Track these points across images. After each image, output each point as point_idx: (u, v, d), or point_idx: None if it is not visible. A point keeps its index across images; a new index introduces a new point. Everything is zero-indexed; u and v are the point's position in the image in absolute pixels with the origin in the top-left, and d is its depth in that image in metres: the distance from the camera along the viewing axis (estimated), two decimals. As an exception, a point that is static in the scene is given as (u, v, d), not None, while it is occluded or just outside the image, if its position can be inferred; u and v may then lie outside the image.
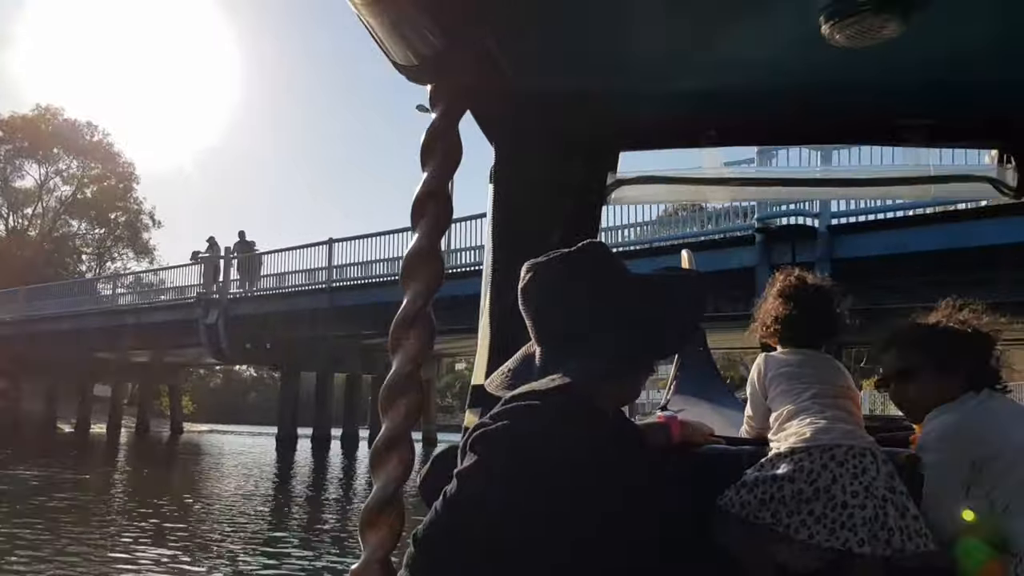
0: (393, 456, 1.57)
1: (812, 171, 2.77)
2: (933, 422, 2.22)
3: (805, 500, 2.17)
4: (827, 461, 2.19)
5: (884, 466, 2.21)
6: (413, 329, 1.59)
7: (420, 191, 1.64)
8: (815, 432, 2.25)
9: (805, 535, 2.15)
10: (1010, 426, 2.11)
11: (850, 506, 2.13)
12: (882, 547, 2.10)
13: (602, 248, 1.75)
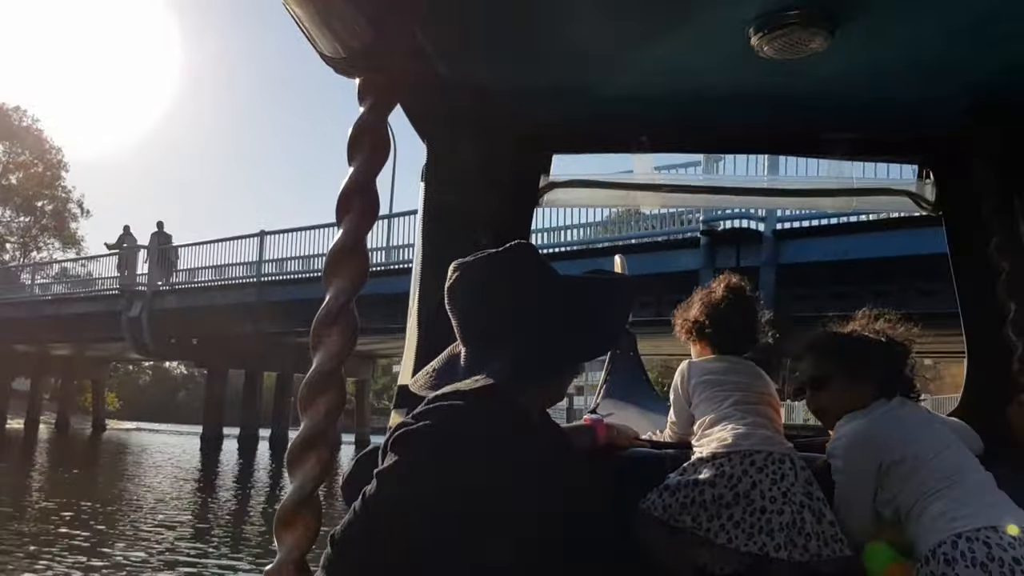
0: (311, 455, 1.53)
1: (739, 179, 2.82)
2: (842, 429, 2.27)
3: (725, 505, 2.20)
4: (747, 467, 2.23)
5: (802, 472, 2.26)
6: (336, 326, 1.56)
7: (346, 186, 1.62)
8: (736, 438, 2.28)
9: (724, 539, 2.18)
10: (915, 432, 2.17)
11: (768, 511, 2.17)
12: (799, 552, 2.14)
13: (529, 249, 1.74)
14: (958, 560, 1.86)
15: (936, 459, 2.07)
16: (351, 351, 1.56)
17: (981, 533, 1.87)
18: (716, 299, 2.54)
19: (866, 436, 2.19)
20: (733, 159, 10.03)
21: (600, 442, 2.44)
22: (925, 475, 2.05)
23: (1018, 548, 1.84)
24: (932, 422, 2.25)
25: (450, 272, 1.72)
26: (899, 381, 2.29)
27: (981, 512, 1.94)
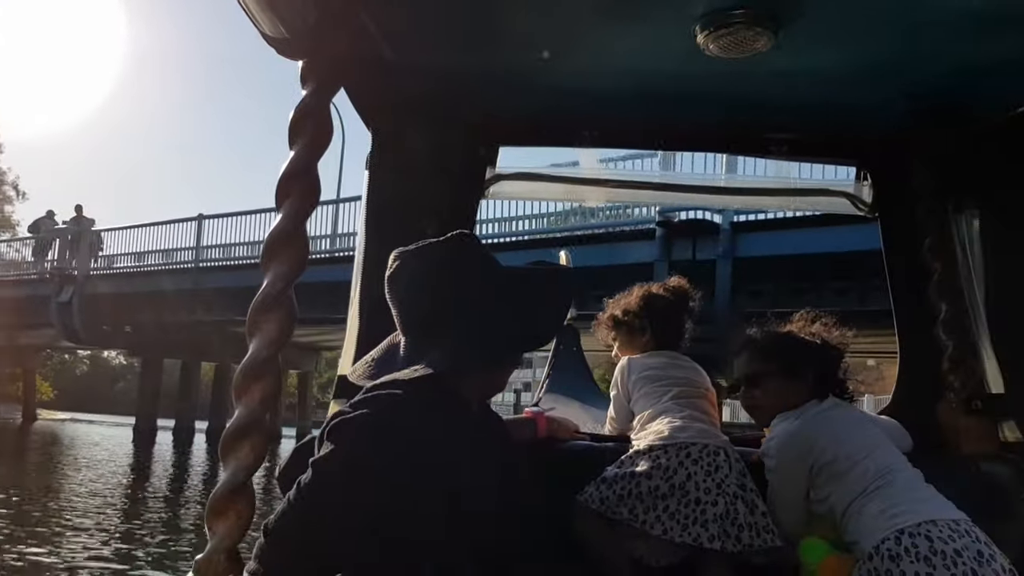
0: (245, 443, 1.51)
1: (682, 176, 2.85)
2: (776, 429, 2.31)
3: (661, 496, 2.22)
4: (683, 459, 2.25)
5: (736, 464, 2.29)
6: (272, 312, 1.54)
7: (286, 170, 1.59)
8: (673, 431, 2.31)
9: (660, 531, 2.20)
10: (847, 433, 2.22)
11: (703, 502, 2.19)
12: (732, 543, 2.18)
13: (470, 239, 1.73)
14: (903, 556, 1.90)
15: (868, 459, 2.11)
16: (288, 338, 1.54)
17: (922, 528, 1.92)
18: (661, 295, 2.57)
19: (799, 436, 2.23)
20: (691, 156, 9.99)
21: (540, 434, 2.45)
22: (858, 474, 2.10)
23: (958, 540, 1.90)
24: (863, 422, 2.31)
25: (390, 261, 1.70)
26: (832, 383, 2.34)
27: (919, 507, 1.98)
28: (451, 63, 2.27)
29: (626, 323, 2.60)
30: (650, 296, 2.60)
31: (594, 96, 2.53)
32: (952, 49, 2.16)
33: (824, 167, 2.96)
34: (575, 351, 4.33)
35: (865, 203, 2.78)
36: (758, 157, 2.78)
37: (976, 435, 2.48)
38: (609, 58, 2.29)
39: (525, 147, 2.73)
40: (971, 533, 1.92)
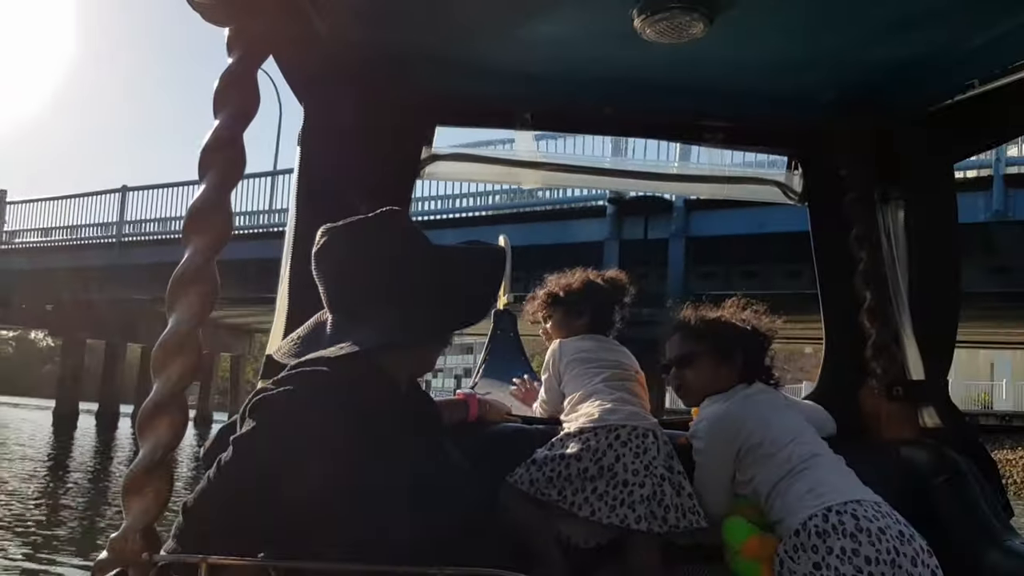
0: (163, 419, 1.46)
1: (617, 161, 2.86)
2: (704, 411, 2.36)
3: (590, 478, 2.24)
4: (612, 440, 2.27)
5: (664, 446, 2.32)
6: (193, 286, 1.49)
7: (210, 140, 1.54)
8: (603, 413, 2.32)
9: (588, 512, 2.22)
10: (773, 417, 2.26)
11: (631, 484, 2.22)
12: (658, 524, 2.21)
13: (399, 216, 1.71)
14: (830, 532, 1.95)
15: (793, 443, 2.16)
16: (209, 312, 1.50)
17: (848, 506, 1.98)
18: (597, 283, 2.59)
19: (727, 419, 2.27)
20: (643, 141, 9.77)
21: (472, 416, 2.44)
22: (783, 458, 2.14)
23: (881, 519, 1.96)
24: (789, 408, 2.36)
25: (318, 237, 1.67)
26: (760, 368, 2.38)
27: (844, 487, 2.04)
28: (385, 40, 2.23)
29: (565, 302, 2.61)
30: (592, 282, 2.62)
31: (531, 78, 2.52)
32: (877, 42, 2.21)
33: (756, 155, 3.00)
34: (512, 336, 4.34)
35: (795, 192, 2.83)
36: (693, 144, 2.81)
37: (897, 421, 2.56)
38: (546, 40, 2.28)
39: (461, 128, 2.71)
40: (892, 515, 1.99)
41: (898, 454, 2.48)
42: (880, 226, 2.62)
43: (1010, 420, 26.82)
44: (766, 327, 2.42)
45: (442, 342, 1.76)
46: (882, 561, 1.89)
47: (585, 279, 2.63)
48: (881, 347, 2.59)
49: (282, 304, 2.32)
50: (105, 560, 1.45)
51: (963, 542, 2.20)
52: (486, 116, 2.72)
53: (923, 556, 1.92)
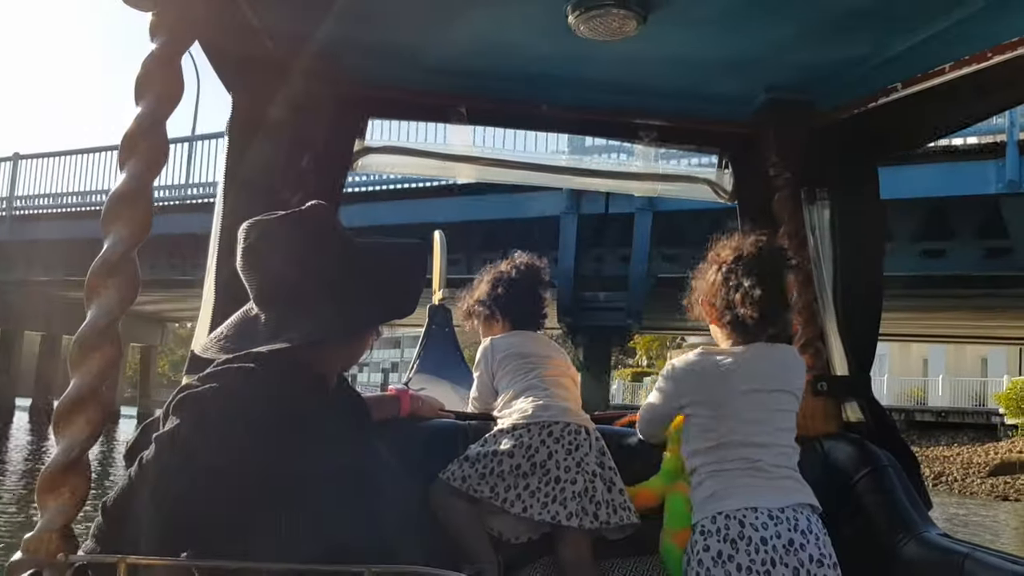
0: (80, 416, 1.42)
1: (552, 157, 2.87)
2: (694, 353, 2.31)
3: (522, 475, 2.24)
4: (545, 437, 2.28)
5: (596, 443, 2.34)
6: (113, 278, 1.44)
7: (131, 128, 1.49)
8: (536, 409, 2.33)
9: (519, 508, 2.22)
10: (735, 409, 2.21)
11: (563, 481, 2.23)
12: (589, 520, 2.22)
13: (326, 210, 1.68)
14: (713, 534, 2.02)
15: (736, 444, 2.13)
16: (129, 305, 1.46)
17: (739, 512, 2.02)
18: (510, 276, 2.58)
19: (689, 380, 2.22)
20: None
21: (404, 412, 2.43)
22: (719, 456, 2.13)
23: (771, 528, 1.99)
24: (766, 393, 2.21)
25: (243, 232, 1.63)
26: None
27: (747, 493, 2.05)
28: (316, 31, 2.20)
29: (478, 313, 2.61)
30: (497, 281, 2.59)
31: (464, 73, 2.51)
32: (804, 45, 2.26)
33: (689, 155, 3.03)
34: (447, 331, 4.33)
35: (725, 191, 2.88)
36: (626, 141, 2.83)
37: (821, 416, 2.61)
38: (481, 34, 2.28)
39: (394, 120, 2.68)
40: (792, 520, 2.01)
41: (822, 448, 2.53)
42: (806, 225, 2.68)
43: (946, 416, 26.96)
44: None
45: (371, 335, 1.75)
46: (755, 571, 1.95)
47: (491, 280, 2.60)
48: (807, 343, 2.64)
49: (208, 299, 2.27)
50: (19, 561, 1.40)
51: (884, 533, 2.26)
52: (420, 109, 2.70)
53: (809, 566, 1.96)
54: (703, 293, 2.23)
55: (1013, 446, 22.60)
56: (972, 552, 2.03)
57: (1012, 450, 22.15)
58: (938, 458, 22.91)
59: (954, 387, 31.08)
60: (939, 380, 31.83)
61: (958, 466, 21.77)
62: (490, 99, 2.67)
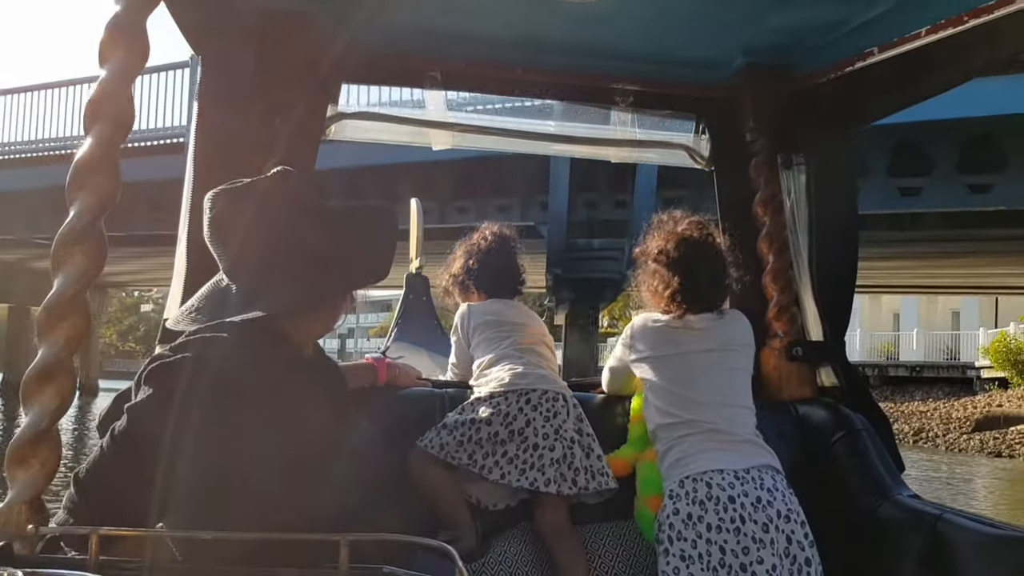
0: (49, 386, 1.39)
1: (529, 123, 2.84)
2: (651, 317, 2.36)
3: (500, 442, 2.24)
4: (523, 405, 2.28)
5: (574, 410, 2.34)
6: (80, 246, 1.41)
7: (96, 93, 1.45)
8: (513, 377, 2.33)
9: (498, 475, 2.23)
10: (691, 381, 2.25)
11: (540, 448, 2.23)
12: (568, 486, 2.23)
13: (293, 176, 1.65)
14: (682, 498, 2.06)
15: (693, 417, 2.17)
16: (97, 273, 1.43)
17: (706, 475, 2.06)
18: (481, 248, 2.58)
19: (642, 339, 2.29)
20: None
21: (380, 381, 2.42)
22: (679, 426, 2.17)
23: (737, 487, 2.03)
24: (719, 367, 2.27)
25: (209, 202, 1.60)
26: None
27: (712, 456, 2.09)
28: None
29: (454, 288, 2.62)
30: (469, 254, 2.60)
31: (438, 37, 2.47)
32: (782, 8, 2.25)
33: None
34: (424, 300, 4.32)
35: (702, 156, 2.86)
36: (602, 107, 2.80)
37: (796, 380, 2.64)
38: None
39: (367, 85, 2.63)
40: (758, 480, 2.05)
41: (796, 412, 2.56)
42: (783, 191, 2.68)
43: (920, 371, 26.46)
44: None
45: (343, 302, 1.72)
46: (724, 529, 2.00)
47: (464, 252, 2.61)
48: (782, 309, 2.66)
49: (180, 269, 2.24)
50: None
51: (857, 496, 2.29)
52: (393, 74, 2.66)
53: (777, 522, 2.01)
54: (641, 284, 2.34)
55: (992, 400, 22.43)
56: (943, 514, 2.07)
57: (991, 404, 21.92)
58: (915, 413, 22.66)
59: (928, 341, 30.49)
60: (912, 334, 31.37)
61: (937, 421, 21.56)
62: (465, 63, 2.64)
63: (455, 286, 2.62)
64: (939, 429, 20.92)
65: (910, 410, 23.18)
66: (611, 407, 2.51)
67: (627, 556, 2.29)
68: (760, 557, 1.97)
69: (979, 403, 22.50)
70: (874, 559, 2.18)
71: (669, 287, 2.23)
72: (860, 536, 2.23)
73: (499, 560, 2.26)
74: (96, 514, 1.41)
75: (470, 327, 2.50)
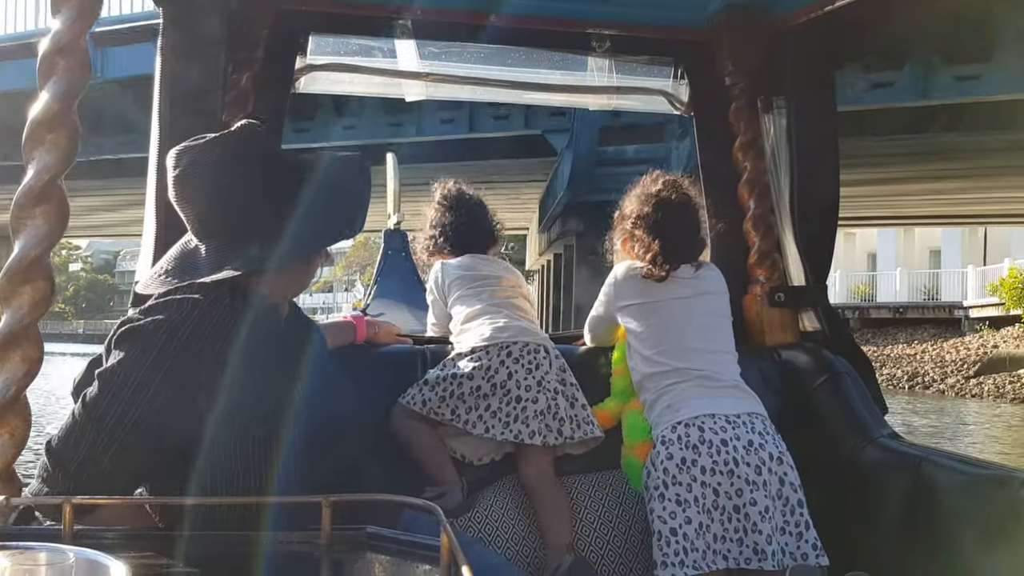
0: (15, 353, 1.35)
1: (505, 71, 2.76)
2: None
3: (483, 396, 2.23)
4: (504, 358, 2.26)
5: (556, 360, 2.33)
6: (40, 207, 1.36)
7: (51, 45, 1.39)
8: (494, 331, 2.30)
9: (482, 429, 2.21)
10: (672, 327, 2.27)
11: (524, 400, 2.22)
12: (553, 436, 2.23)
13: (256, 129, 1.59)
14: (675, 442, 2.06)
15: (676, 365, 2.17)
16: (60, 235, 1.38)
17: (697, 420, 2.07)
18: (443, 205, 2.56)
19: (638, 278, 2.29)
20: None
21: (360, 338, 2.39)
22: (661, 374, 2.18)
23: (729, 431, 2.05)
24: (697, 313, 2.29)
25: (172, 160, 1.53)
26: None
27: (701, 403, 2.10)
28: None
29: (426, 253, 2.59)
30: (436, 213, 2.57)
31: None
32: None
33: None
34: (403, 256, 4.28)
35: (681, 102, 2.81)
36: (580, 54, 2.74)
37: (779, 326, 2.63)
38: None
39: (336, 36, 2.55)
40: (748, 424, 2.07)
41: (780, 357, 2.56)
42: (763, 135, 2.64)
43: (904, 312, 25.33)
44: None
45: (318, 258, 1.68)
46: (718, 471, 2.02)
47: (433, 212, 2.57)
48: (763, 255, 2.64)
49: (149, 229, 2.18)
50: None
51: (841, 438, 2.30)
52: (362, 24, 2.57)
53: (770, 464, 2.03)
54: (621, 246, 2.37)
55: (985, 341, 21.24)
56: (927, 455, 2.08)
57: (985, 345, 20.79)
58: (903, 357, 21.59)
59: (912, 281, 29.54)
60: (896, 274, 30.21)
61: (931, 365, 20.52)
62: (435, 12, 2.56)
63: (425, 251, 2.59)
64: (936, 373, 19.93)
65: (896, 353, 22.19)
66: (594, 358, 2.49)
67: (613, 505, 2.29)
68: (753, 499, 1.99)
69: (971, 344, 21.39)
70: (858, 501, 2.20)
71: (650, 251, 2.25)
72: (844, 478, 2.25)
73: (485, 514, 2.25)
74: (70, 483, 1.38)
75: (445, 284, 2.47)
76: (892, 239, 34.40)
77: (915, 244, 33.93)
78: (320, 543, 1.21)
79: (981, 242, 31.76)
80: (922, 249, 33.68)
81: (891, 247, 34.35)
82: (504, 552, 2.20)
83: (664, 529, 2.00)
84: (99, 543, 1.05)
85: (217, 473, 1.41)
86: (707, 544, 1.99)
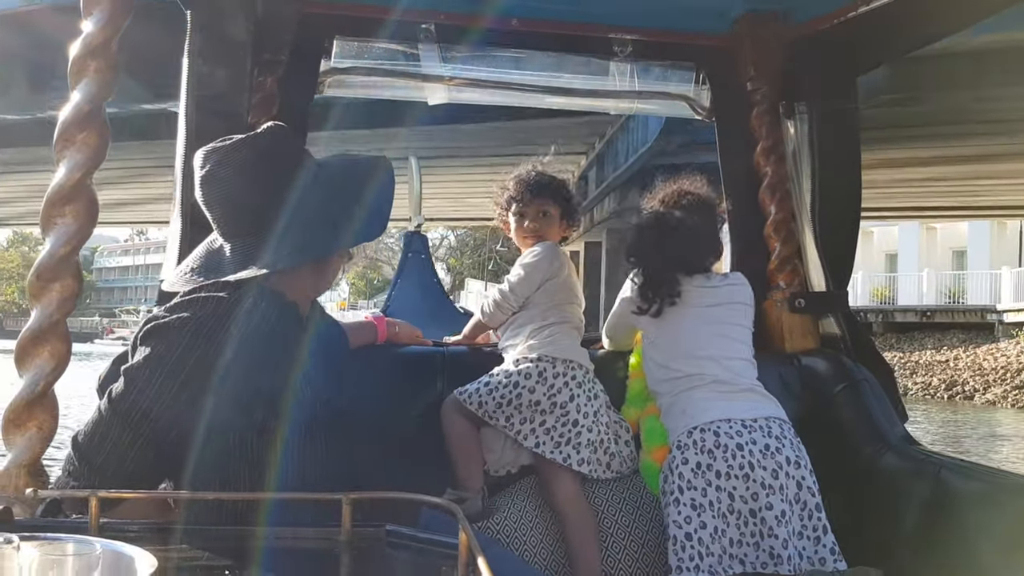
0: (43, 349, 1.38)
1: (528, 75, 2.77)
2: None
3: (540, 411, 2.23)
4: (568, 380, 2.26)
5: (603, 394, 2.34)
6: (71, 205, 1.39)
7: (81, 48, 1.42)
8: (566, 349, 2.31)
9: (532, 443, 2.22)
10: (686, 335, 2.26)
11: (580, 425, 2.23)
12: (602, 470, 2.25)
13: (283, 131, 1.62)
14: (690, 447, 2.06)
15: (689, 370, 2.17)
16: (90, 233, 1.41)
17: (713, 424, 2.06)
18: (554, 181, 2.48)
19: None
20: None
21: (381, 339, 2.41)
22: (675, 379, 2.18)
23: (745, 435, 2.04)
24: (711, 320, 2.28)
25: (199, 160, 1.57)
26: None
27: (717, 408, 2.09)
28: None
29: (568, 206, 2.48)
30: (559, 182, 2.48)
31: None
32: None
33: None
34: (423, 259, 4.29)
35: (703, 107, 2.81)
36: (602, 59, 2.74)
37: (799, 332, 2.62)
38: None
39: (361, 40, 2.58)
40: (765, 428, 2.06)
41: (800, 363, 2.55)
42: (785, 140, 2.64)
43: (932, 316, 23.52)
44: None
45: (343, 257, 1.70)
46: (734, 475, 2.01)
47: (554, 179, 2.46)
48: (784, 261, 2.64)
49: (175, 229, 2.21)
50: None
51: (860, 446, 2.29)
52: (387, 28, 2.60)
53: (787, 468, 2.02)
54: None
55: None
56: (946, 463, 2.07)
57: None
58: (934, 364, 20.09)
59: (940, 281, 27.47)
60: (923, 276, 27.94)
61: (968, 373, 19.08)
62: (459, 17, 2.58)
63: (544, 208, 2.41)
64: (976, 382, 18.50)
65: (926, 360, 20.61)
66: (612, 361, 2.49)
67: (630, 509, 2.29)
68: (769, 503, 1.98)
69: (1009, 351, 19.70)
70: (877, 507, 2.19)
71: (635, 283, 2.28)
72: (862, 485, 2.24)
73: (502, 517, 2.26)
74: (96, 477, 1.40)
75: (547, 274, 2.35)
76: (914, 239, 32.36)
77: (938, 244, 32.10)
78: (340, 539, 1.23)
79: (1010, 242, 29.72)
80: (945, 250, 31.80)
81: (913, 247, 32.28)
82: (520, 557, 2.20)
83: (679, 534, 2.00)
84: (124, 535, 1.07)
85: (239, 468, 1.44)
86: (723, 548, 1.99)
